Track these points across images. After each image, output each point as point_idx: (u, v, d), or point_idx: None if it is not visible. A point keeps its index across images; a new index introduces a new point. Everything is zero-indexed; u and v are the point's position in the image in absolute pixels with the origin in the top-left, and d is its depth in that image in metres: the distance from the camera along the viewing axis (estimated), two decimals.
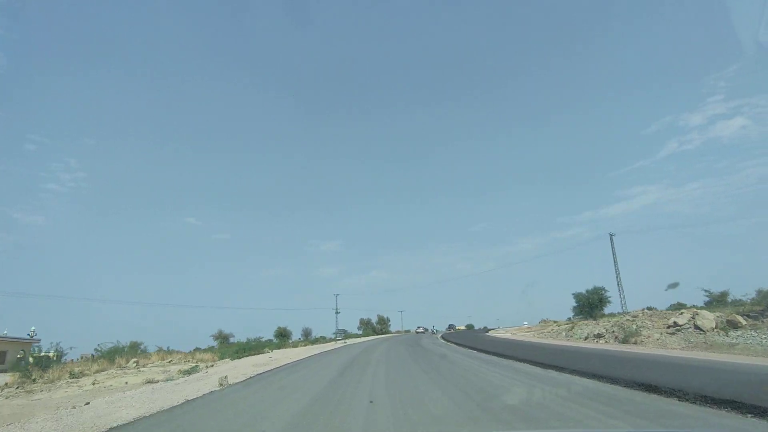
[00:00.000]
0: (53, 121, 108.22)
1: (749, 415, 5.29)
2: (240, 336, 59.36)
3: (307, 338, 68.02)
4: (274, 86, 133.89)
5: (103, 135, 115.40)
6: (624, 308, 41.13)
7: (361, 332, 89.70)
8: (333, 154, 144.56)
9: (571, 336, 25.01)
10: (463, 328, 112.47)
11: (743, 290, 25.24)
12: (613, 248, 46.08)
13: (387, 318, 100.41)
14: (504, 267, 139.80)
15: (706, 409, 5.75)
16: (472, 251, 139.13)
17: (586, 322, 31.68)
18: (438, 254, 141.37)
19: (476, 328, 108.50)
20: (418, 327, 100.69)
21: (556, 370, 10.54)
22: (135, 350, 30.13)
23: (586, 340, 22.68)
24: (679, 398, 6.41)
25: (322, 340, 62.98)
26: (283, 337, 64.98)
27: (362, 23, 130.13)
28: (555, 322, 70.36)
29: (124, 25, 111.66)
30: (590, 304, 34.37)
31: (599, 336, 21.53)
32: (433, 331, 60.87)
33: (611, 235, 46.98)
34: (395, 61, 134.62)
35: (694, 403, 6.08)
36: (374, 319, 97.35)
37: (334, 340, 57.88)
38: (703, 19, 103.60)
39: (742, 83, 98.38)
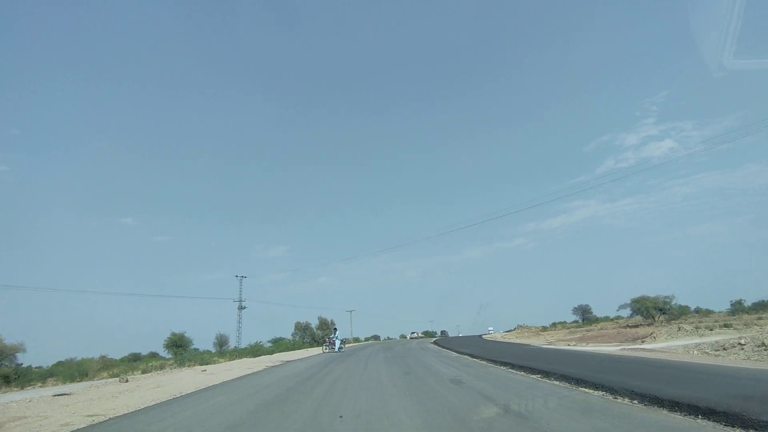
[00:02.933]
0: None
1: None
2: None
3: (221, 349, 48.46)
4: (227, 87, 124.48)
5: (30, 127, 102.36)
6: None
7: (295, 339, 63.93)
8: (285, 160, 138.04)
9: None
10: (420, 334, 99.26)
11: None
12: None
13: (331, 321, 77.96)
14: (457, 274, 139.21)
15: None
16: (420, 259, 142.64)
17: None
18: (387, 262, 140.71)
19: (438, 334, 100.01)
20: (413, 333, 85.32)
21: None
22: None
23: None
24: None
25: (242, 353, 42.05)
26: (178, 347, 44.10)
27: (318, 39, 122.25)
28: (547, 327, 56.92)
29: (51, 12, 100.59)
30: None
31: None
32: (336, 344, 34.69)
33: None
34: (349, 69, 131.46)
35: None
36: (314, 323, 74.58)
37: None
38: (639, 46, 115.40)
39: (670, 108, 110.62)
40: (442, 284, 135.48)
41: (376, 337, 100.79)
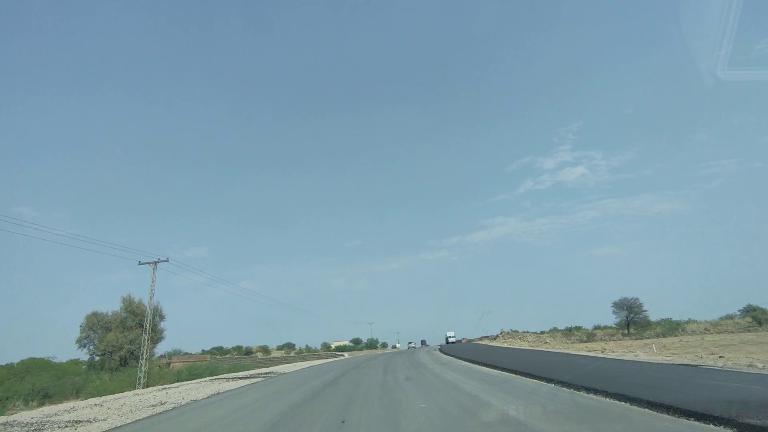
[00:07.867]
0: None
1: None
2: None
3: None
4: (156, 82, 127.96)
5: None
6: None
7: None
8: (209, 160, 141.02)
9: None
10: (349, 343, 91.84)
11: None
12: None
13: (156, 307, 41.84)
14: (381, 283, 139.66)
15: None
16: (345, 267, 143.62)
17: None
18: (310, 268, 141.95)
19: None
20: (410, 342, 77.55)
21: None
22: None
23: None
24: None
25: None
26: None
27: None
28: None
29: None
30: None
31: None
32: None
33: None
34: (291, 74, 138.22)
35: None
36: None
37: None
38: (560, 75, 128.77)
39: (584, 138, 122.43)
40: (371, 292, 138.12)
41: (290, 346, 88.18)
